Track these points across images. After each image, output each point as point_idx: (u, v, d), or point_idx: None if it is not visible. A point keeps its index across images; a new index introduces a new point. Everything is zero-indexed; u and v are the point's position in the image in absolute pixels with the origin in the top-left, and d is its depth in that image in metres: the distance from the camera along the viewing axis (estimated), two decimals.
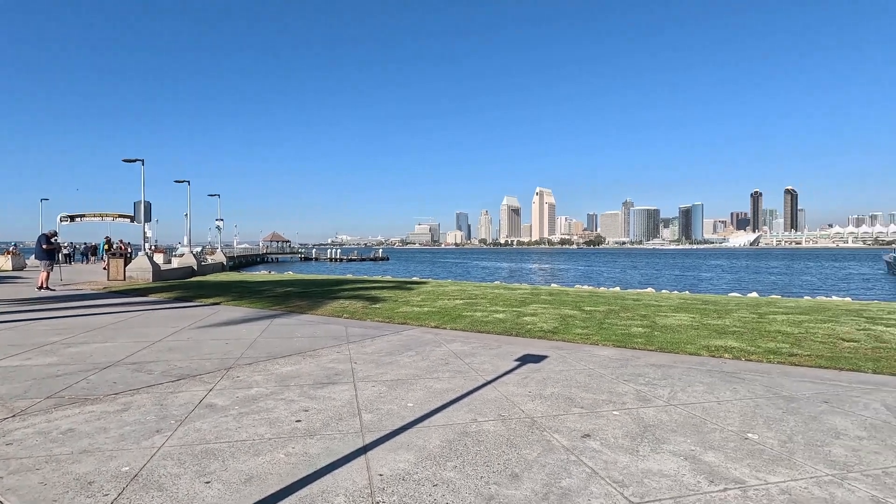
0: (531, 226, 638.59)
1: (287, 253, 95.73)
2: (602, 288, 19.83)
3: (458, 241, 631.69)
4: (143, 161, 19.12)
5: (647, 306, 11.03)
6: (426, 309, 10.75)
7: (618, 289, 19.57)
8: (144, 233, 22.26)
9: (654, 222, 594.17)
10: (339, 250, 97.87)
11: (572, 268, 79.59)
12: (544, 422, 4.10)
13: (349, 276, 25.46)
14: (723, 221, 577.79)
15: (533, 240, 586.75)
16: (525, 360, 6.32)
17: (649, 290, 19.29)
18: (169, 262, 30.25)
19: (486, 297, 12.80)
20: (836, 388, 5.06)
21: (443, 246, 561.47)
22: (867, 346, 6.92)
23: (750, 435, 3.81)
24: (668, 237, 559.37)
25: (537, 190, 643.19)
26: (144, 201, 19.08)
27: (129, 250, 25.54)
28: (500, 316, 9.73)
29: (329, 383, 5.22)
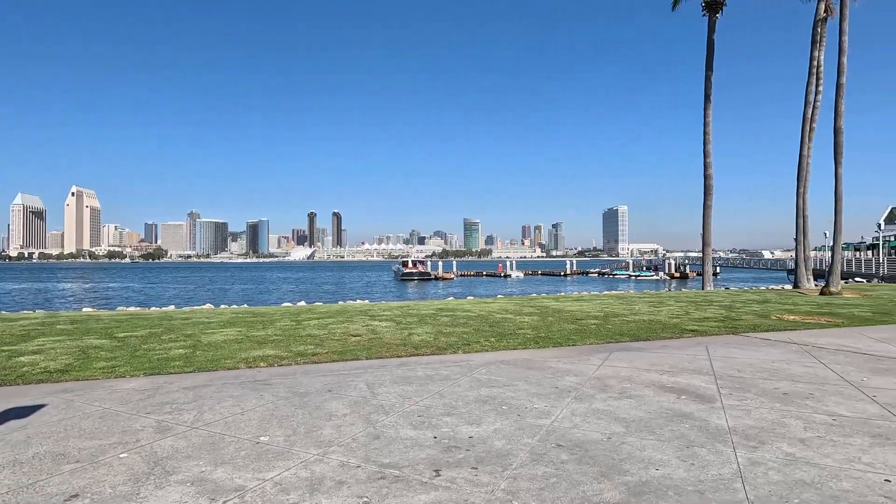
0: (63, 234, 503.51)
1: None
2: (153, 308, 17.71)
3: None
4: None
5: (195, 324, 10.54)
6: None
7: (172, 307, 17.97)
8: None
9: (222, 235, 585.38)
10: None
11: (124, 286, 67.80)
12: (9, 498, 3.12)
13: None
14: (286, 237, 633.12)
15: (67, 252, 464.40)
16: (5, 418, 4.73)
17: (207, 306, 18.69)
18: None
19: None
20: (339, 377, 6.26)
21: None
22: (366, 338, 8.99)
23: (262, 438, 4.15)
24: (236, 251, 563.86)
25: (74, 190, 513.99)
26: None
27: None
28: None
29: None
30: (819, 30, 23.87)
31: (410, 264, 74.52)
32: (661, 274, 70.96)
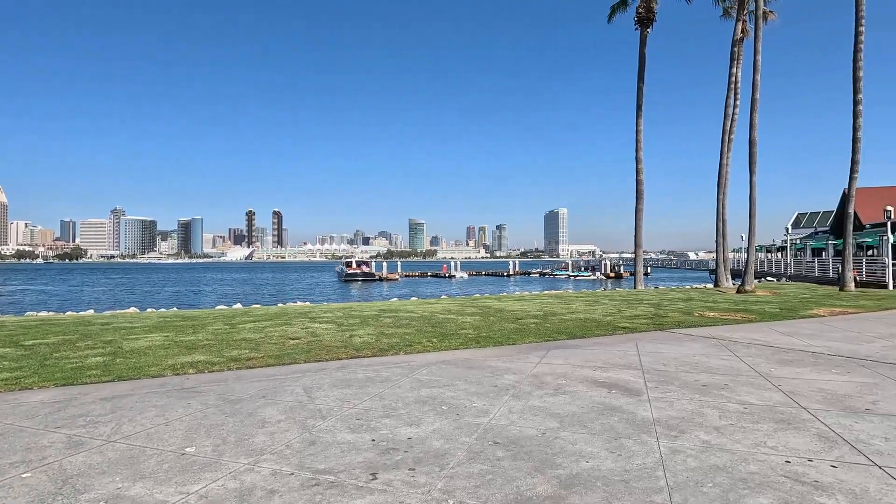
0: None
1: None
2: (68, 313, 16.31)
3: None
4: None
5: (116, 330, 9.81)
6: None
7: (91, 312, 16.62)
8: None
9: (150, 234, 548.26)
10: None
11: (35, 289, 61.89)
12: None
13: None
14: (221, 236, 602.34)
15: None
16: None
17: (132, 309, 17.46)
18: None
19: None
20: (275, 382, 6.05)
21: None
22: (305, 341, 8.74)
23: (188, 449, 3.93)
24: (166, 250, 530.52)
25: None
26: None
27: None
28: None
29: None
30: (736, 49, 25.91)
31: (354, 265, 73.23)
32: (597, 274, 74.17)
